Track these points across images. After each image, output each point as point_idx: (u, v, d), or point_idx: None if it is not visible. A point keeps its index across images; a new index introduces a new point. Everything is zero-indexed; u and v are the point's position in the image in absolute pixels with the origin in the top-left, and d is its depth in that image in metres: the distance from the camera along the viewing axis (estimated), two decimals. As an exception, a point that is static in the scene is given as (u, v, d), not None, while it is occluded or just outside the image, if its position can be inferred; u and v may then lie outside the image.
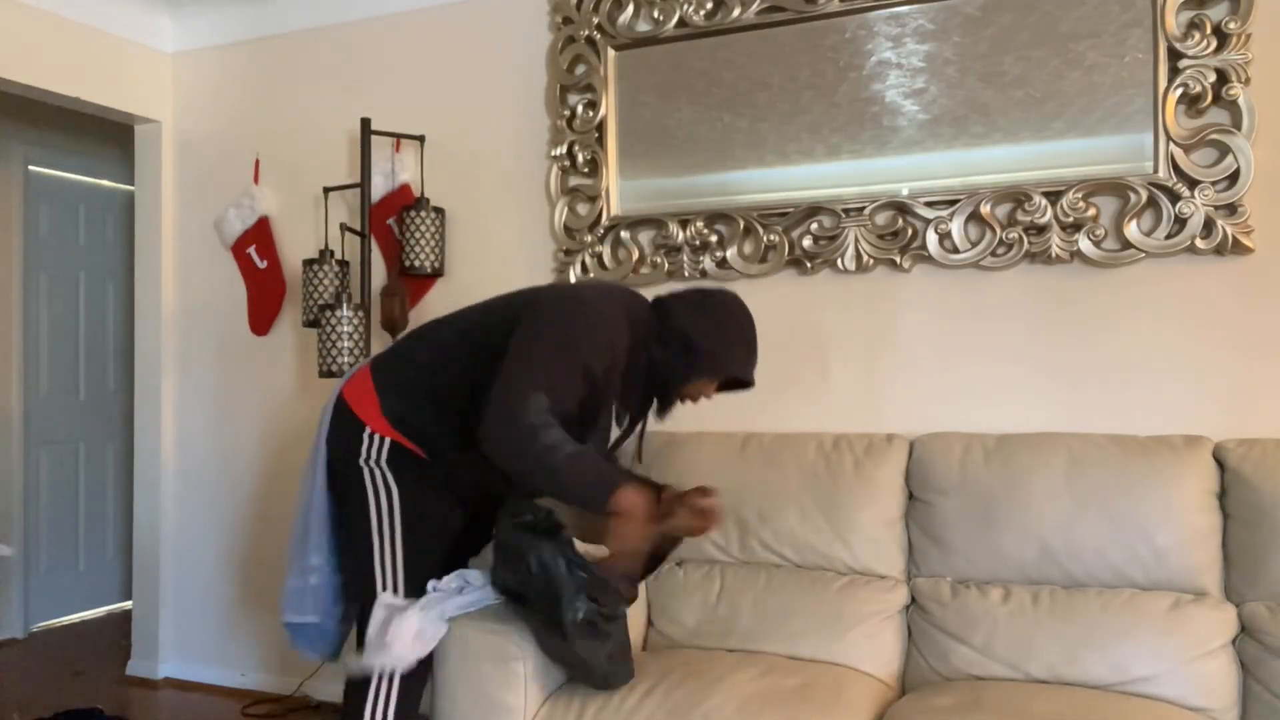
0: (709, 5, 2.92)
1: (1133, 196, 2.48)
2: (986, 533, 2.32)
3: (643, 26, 3.02)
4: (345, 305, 3.10)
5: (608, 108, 3.05)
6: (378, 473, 2.15)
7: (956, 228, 2.66)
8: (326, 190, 3.45)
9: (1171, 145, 2.44)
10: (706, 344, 2.13)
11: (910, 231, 2.70)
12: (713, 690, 2.08)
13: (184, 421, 3.86)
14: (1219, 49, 2.40)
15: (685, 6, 2.93)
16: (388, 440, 2.15)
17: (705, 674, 2.16)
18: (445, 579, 2.15)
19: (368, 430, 2.16)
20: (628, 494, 1.88)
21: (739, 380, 2.24)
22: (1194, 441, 2.26)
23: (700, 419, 2.90)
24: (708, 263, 2.93)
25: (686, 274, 2.95)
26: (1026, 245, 2.59)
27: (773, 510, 2.52)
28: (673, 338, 2.14)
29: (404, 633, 2.01)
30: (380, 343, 3.43)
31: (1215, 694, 2.07)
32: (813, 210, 2.81)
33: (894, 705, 2.10)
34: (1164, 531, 2.18)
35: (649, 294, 3.02)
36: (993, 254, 2.63)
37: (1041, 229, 2.57)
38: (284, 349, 3.68)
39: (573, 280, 3.10)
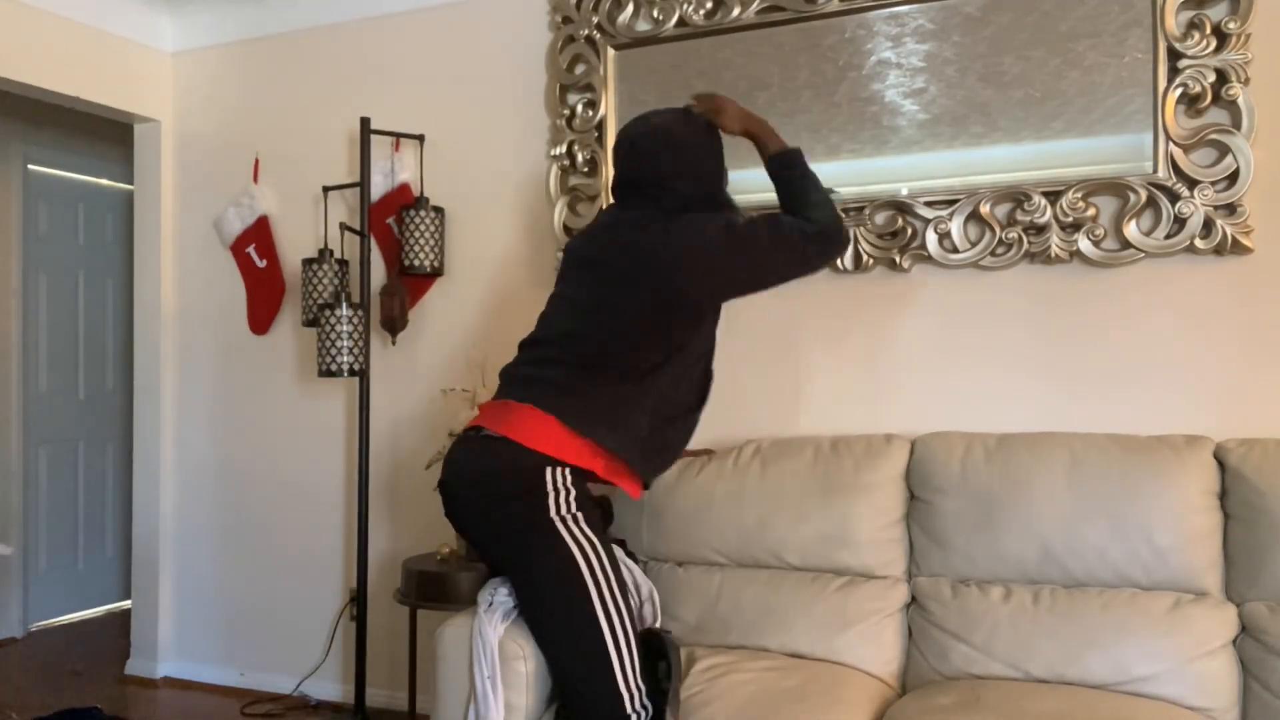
0: (709, 5, 2.92)
1: (1132, 196, 2.48)
2: (987, 532, 2.32)
3: (642, 26, 3.02)
4: (344, 304, 3.10)
5: (607, 107, 3.05)
6: (570, 523, 2.00)
7: (956, 227, 2.66)
8: (326, 189, 3.45)
9: (1171, 145, 2.44)
10: (676, 146, 2.23)
11: (910, 231, 2.70)
12: (713, 688, 2.09)
13: (183, 421, 3.86)
14: (1219, 49, 2.41)
15: (685, 6, 2.93)
16: (568, 469, 2.02)
17: (705, 671, 2.16)
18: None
19: (551, 469, 2.01)
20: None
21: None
22: (1195, 441, 2.26)
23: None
24: (707, 262, 2.93)
25: (686, 273, 2.95)
26: (1026, 245, 2.59)
27: (772, 515, 2.51)
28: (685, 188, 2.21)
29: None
30: (380, 342, 3.43)
31: (1215, 693, 2.07)
32: (812, 210, 2.81)
33: (895, 704, 2.10)
34: (1165, 531, 2.18)
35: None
36: (992, 254, 2.63)
37: (1041, 229, 2.57)
38: (283, 348, 3.68)
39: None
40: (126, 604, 4.81)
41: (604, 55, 3.05)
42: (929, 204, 2.68)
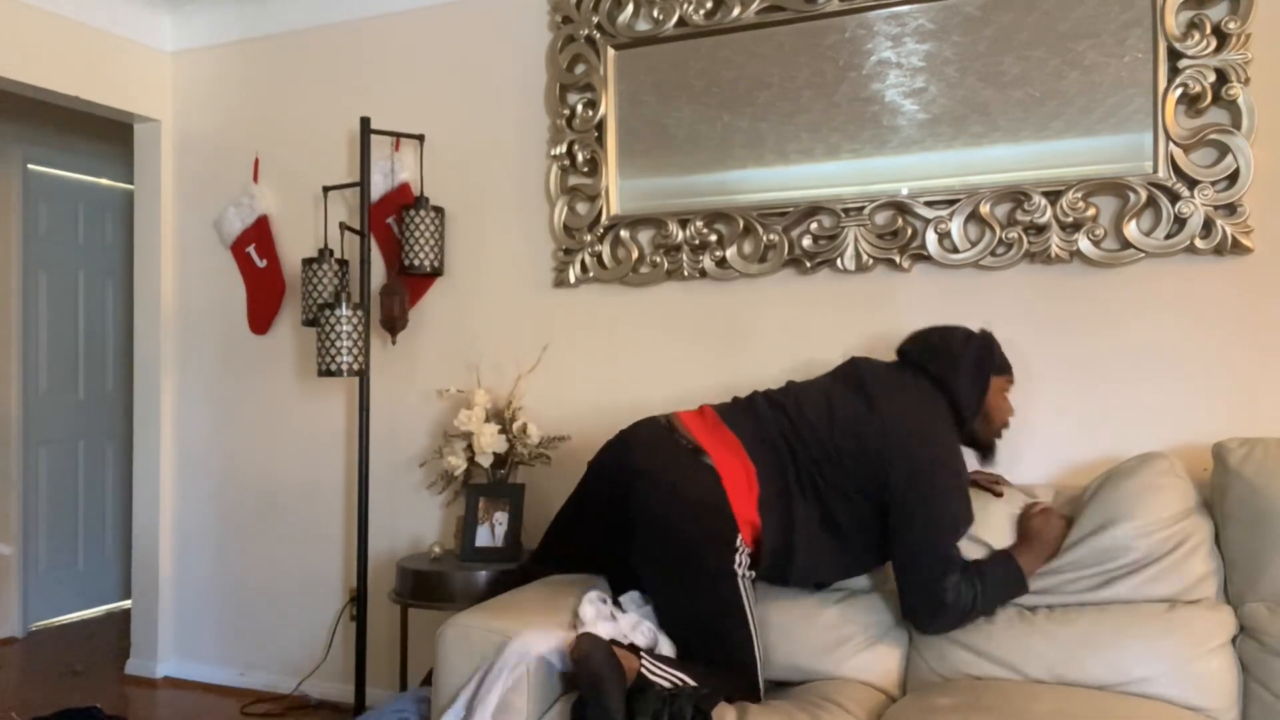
0: (709, 4, 2.91)
1: (1132, 196, 2.48)
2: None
3: (642, 26, 3.02)
4: (344, 304, 3.10)
5: (607, 107, 3.05)
6: (747, 581, 2.16)
7: (956, 227, 2.66)
8: (326, 189, 3.45)
9: (1171, 145, 2.44)
10: (955, 353, 2.31)
11: (910, 231, 2.70)
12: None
13: (183, 420, 3.86)
14: (1219, 49, 2.40)
15: (685, 6, 2.93)
16: (748, 551, 2.17)
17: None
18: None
19: (739, 536, 2.14)
20: (1035, 567, 2.23)
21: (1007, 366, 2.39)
22: (1148, 459, 2.26)
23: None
24: (707, 262, 2.93)
25: (686, 273, 2.95)
26: (1026, 245, 2.59)
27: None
28: (948, 383, 2.28)
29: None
30: (380, 341, 3.43)
31: (1215, 694, 2.06)
32: (812, 210, 2.81)
33: (893, 705, 2.10)
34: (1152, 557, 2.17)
35: (651, 293, 3.05)
36: (992, 254, 2.63)
37: (1041, 229, 2.57)
38: (283, 348, 3.68)
39: (571, 279, 3.10)
40: (126, 604, 4.80)
41: (604, 55, 3.05)
42: (929, 204, 2.68)
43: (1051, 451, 2.59)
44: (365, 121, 3.24)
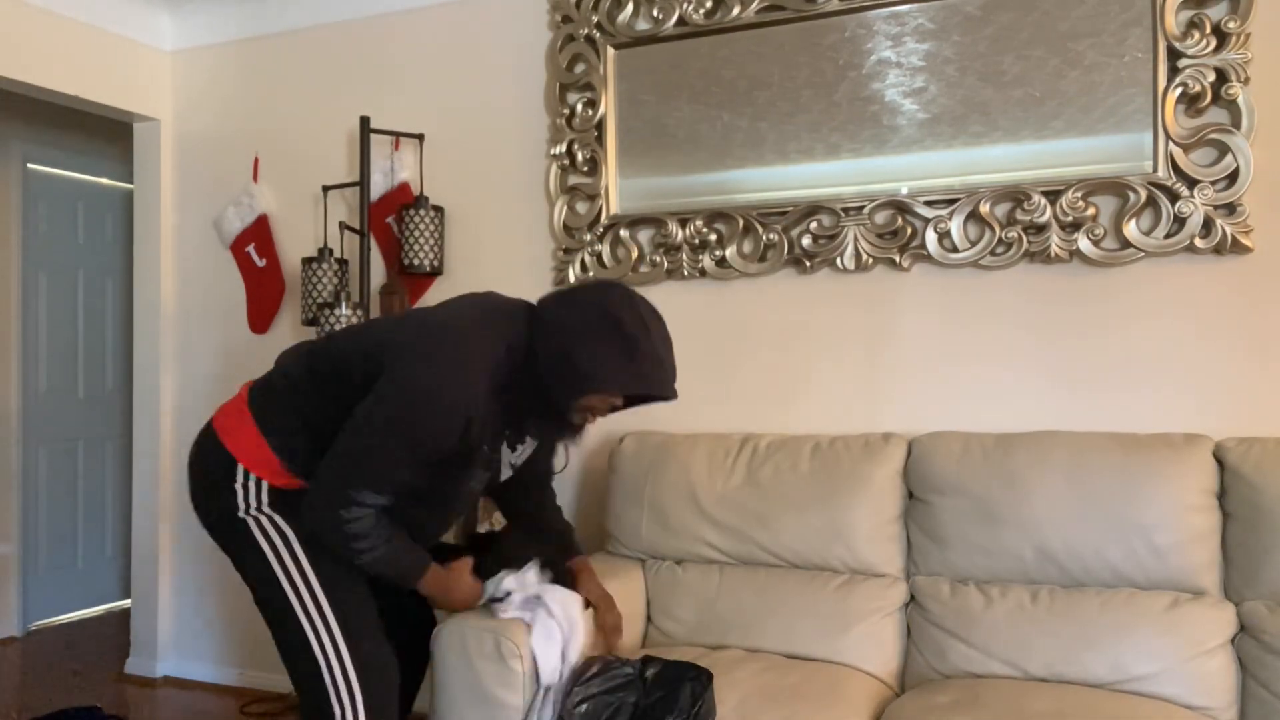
0: (708, 4, 2.91)
1: (1132, 196, 2.48)
2: (985, 532, 2.32)
3: (642, 25, 3.02)
4: (344, 304, 3.10)
5: (607, 106, 3.05)
6: (264, 521, 1.98)
7: (956, 227, 2.66)
8: (326, 188, 3.45)
9: (1171, 145, 2.44)
10: (582, 358, 1.87)
11: (909, 230, 2.70)
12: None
13: (182, 420, 3.85)
14: (1218, 48, 2.40)
15: (685, 5, 2.93)
16: (264, 483, 1.98)
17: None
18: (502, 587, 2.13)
19: (240, 470, 1.99)
20: (426, 582, 2.02)
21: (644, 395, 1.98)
22: (1193, 440, 2.26)
23: (696, 419, 2.90)
24: (707, 261, 2.93)
25: (686, 273, 2.95)
26: (1026, 244, 2.59)
27: (770, 512, 2.51)
28: (549, 354, 1.89)
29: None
30: (379, 341, 3.42)
31: (1214, 692, 2.07)
32: (812, 209, 2.81)
33: (893, 703, 2.10)
34: (1163, 530, 2.18)
35: (650, 292, 3.04)
36: (992, 253, 2.63)
37: (1041, 228, 2.57)
38: (283, 347, 3.67)
39: (571, 278, 3.10)
40: (126, 603, 4.81)
41: (604, 54, 3.05)
42: (929, 203, 2.68)
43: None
44: (365, 121, 3.24)
